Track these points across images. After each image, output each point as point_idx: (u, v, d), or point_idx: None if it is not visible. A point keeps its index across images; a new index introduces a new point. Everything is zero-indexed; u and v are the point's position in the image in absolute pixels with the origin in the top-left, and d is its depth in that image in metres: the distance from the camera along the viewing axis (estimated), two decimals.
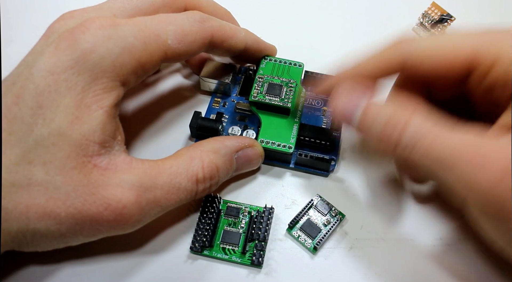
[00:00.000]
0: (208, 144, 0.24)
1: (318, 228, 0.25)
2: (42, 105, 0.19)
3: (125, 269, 0.23)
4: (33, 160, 0.19)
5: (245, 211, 0.25)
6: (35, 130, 0.19)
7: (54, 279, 0.23)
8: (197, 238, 0.24)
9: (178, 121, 0.30)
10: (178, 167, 0.22)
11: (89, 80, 0.20)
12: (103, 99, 0.20)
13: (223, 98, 0.30)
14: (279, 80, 0.27)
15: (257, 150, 0.26)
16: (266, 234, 0.24)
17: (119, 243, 0.24)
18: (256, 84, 0.27)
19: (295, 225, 0.25)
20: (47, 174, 0.19)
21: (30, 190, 0.19)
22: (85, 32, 0.20)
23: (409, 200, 0.26)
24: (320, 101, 0.30)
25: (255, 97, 0.27)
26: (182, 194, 0.22)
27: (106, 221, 0.20)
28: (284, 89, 0.27)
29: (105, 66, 0.20)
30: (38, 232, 0.19)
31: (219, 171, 0.23)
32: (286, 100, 0.27)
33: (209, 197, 0.25)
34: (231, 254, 0.24)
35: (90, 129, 0.20)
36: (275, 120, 0.27)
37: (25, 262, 0.23)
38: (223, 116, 0.29)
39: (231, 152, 0.24)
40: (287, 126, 0.27)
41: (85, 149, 0.19)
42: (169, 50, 0.22)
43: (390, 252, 0.24)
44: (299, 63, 0.29)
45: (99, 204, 0.19)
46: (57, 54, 0.20)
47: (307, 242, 0.24)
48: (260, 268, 0.24)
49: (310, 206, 0.25)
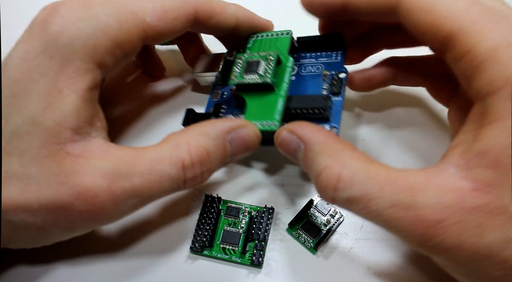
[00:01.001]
0: (196, 127, 0.22)
1: (318, 228, 0.25)
2: (16, 94, 0.18)
3: (125, 269, 0.23)
4: (10, 151, 0.18)
5: (245, 211, 0.25)
6: (10, 120, 0.18)
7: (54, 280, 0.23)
8: (197, 238, 0.24)
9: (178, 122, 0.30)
10: (161, 152, 0.20)
11: (61, 64, 0.19)
12: (76, 82, 0.19)
13: (223, 88, 0.29)
14: (258, 56, 0.24)
15: (251, 130, 0.23)
16: (266, 234, 0.24)
17: (119, 243, 0.24)
18: (236, 67, 0.25)
19: (295, 225, 0.25)
20: (22, 165, 0.18)
21: (6, 182, 0.18)
22: (55, 15, 0.19)
23: None
24: (319, 66, 0.26)
25: (234, 80, 0.24)
26: (165, 182, 0.20)
27: (78, 212, 0.19)
28: (262, 64, 0.24)
29: (76, 47, 0.19)
30: (16, 226, 0.18)
31: (210, 156, 0.21)
32: (265, 75, 0.23)
33: (209, 197, 0.25)
34: (231, 254, 0.24)
35: (62, 114, 0.19)
36: (261, 99, 0.24)
37: (18, 262, 0.23)
38: (221, 107, 0.28)
39: (222, 133, 0.22)
40: (270, 102, 0.24)
41: (57, 136, 0.19)
42: (148, 29, 0.21)
43: (390, 252, 0.24)
44: (286, 31, 0.26)
45: (70, 194, 0.18)
46: (29, 40, 0.19)
47: (307, 242, 0.24)
48: (260, 268, 0.24)
49: (310, 206, 0.25)
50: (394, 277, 0.23)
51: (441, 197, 0.16)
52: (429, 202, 0.16)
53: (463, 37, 0.17)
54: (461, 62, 0.18)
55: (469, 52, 0.17)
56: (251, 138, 0.23)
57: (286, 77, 0.25)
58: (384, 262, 0.24)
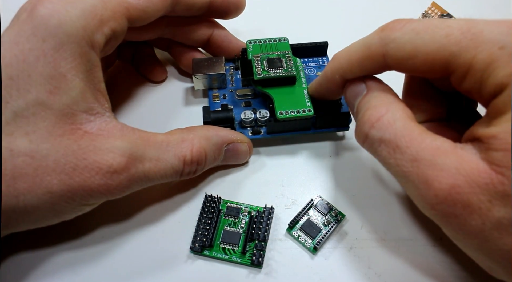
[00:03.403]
0: (202, 129, 0.25)
1: (318, 228, 0.25)
2: (12, 76, 0.19)
3: (126, 268, 0.23)
4: (13, 132, 0.19)
5: (245, 211, 0.25)
6: (10, 101, 0.19)
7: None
8: (197, 238, 0.24)
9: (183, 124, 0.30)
10: (168, 144, 0.22)
11: (56, 47, 0.19)
12: (76, 66, 0.20)
13: (220, 91, 0.30)
14: (274, 54, 0.29)
15: (247, 147, 0.27)
16: (266, 234, 0.24)
17: (119, 243, 0.24)
18: (256, 64, 0.28)
19: (295, 225, 0.25)
20: (31, 143, 0.19)
21: (14, 161, 0.18)
22: (42, 0, 0.20)
23: (409, 200, 0.26)
24: (312, 69, 0.32)
25: (260, 74, 0.27)
26: (168, 170, 0.22)
27: (97, 186, 0.20)
28: (284, 60, 0.28)
29: (68, 29, 0.20)
30: (29, 204, 0.19)
31: (206, 158, 0.24)
32: (289, 69, 0.27)
33: (209, 197, 0.25)
34: (231, 254, 0.24)
35: (71, 99, 0.20)
36: (284, 91, 0.28)
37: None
38: (228, 107, 0.29)
39: (222, 142, 0.25)
40: (298, 93, 0.28)
41: (71, 117, 0.20)
42: (131, 7, 0.23)
43: (390, 252, 0.24)
44: (283, 38, 0.30)
45: (91, 168, 0.19)
46: (18, 25, 0.20)
47: (307, 242, 0.24)
48: (260, 268, 0.24)
49: (310, 206, 0.25)
50: (394, 277, 0.23)
51: (460, 165, 0.17)
52: (448, 165, 0.17)
53: (458, 59, 0.18)
54: (467, 80, 0.18)
55: (470, 69, 0.18)
56: (244, 152, 0.27)
57: (301, 73, 0.29)
58: (384, 262, 0.24)
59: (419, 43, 0.19)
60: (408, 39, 0.19)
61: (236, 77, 0.31)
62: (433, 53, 0.18)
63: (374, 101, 0.21)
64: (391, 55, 0.20)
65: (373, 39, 0.20)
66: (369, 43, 0.21)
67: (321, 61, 0.32)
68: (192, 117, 0.31)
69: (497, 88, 0.17)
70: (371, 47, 0.20)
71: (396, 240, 0.25)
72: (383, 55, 0.20)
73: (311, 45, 0.32)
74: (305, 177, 0.28)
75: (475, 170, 0.17)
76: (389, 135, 0.19)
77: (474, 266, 0.24)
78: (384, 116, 0.20)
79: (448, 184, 0.17)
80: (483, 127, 0.18)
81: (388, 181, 0.27)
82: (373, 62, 0.21)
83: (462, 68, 0.18)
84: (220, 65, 0.29)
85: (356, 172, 0.28)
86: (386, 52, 0.20)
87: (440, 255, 0.24)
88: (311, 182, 0.27)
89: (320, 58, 0.33)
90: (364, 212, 0.26)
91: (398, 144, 0.19)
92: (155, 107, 0.31)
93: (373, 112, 0.20)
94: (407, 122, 0.19)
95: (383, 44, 0.20)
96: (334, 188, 0.27)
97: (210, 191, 0.27)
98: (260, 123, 0.28)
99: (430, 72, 0.19)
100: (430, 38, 0.19)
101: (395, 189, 0.27)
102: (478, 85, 0.18)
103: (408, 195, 0.20)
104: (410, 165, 0.18)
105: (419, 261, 0.24)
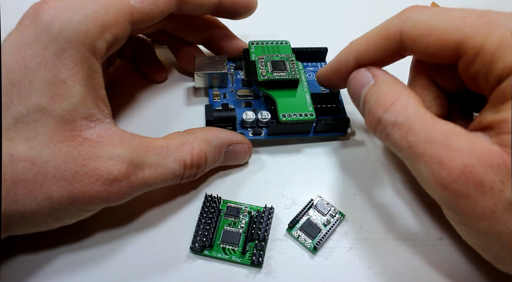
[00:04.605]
0: (202, 132, 0.25)
1: (318, 228, 0.25)
2: (14, 82, 0.19)
3: (125, 269, 0.23)
4: (14, 137, 0.19)
5: (245, 211, 0.25)
6: (11, 107, 0.19)
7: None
8: (197, 238, 0.24)
9: (183, 124, 0.30)
10: (168, 148, 0.22)
11: (57, 53, 0.20)
12: (77, 73, 0.20)
13: (220, 90, 0.30)
14: (278, 57, 0.29)
15: (247, 148, 0.27)
16: (266, 234, 0.24)
17: (120, 243, 0.24)
18: (260, 65, 0.28)
19: (295, 225, 0.25)
20: (32, 149, 0.19)
21: (14, 166, 0.18)
22: (45, 6, 0.20)
23: (409, 200, 0.26)
24: (311, 74, 0.32)
25: (264, 76, 0.27)
26: (169, 175, 0.22)
27: (97, 193, 0.20)
28: (287, 64, 0.28)
29: (69, 36, 0.20)
30: (29, 209, 0.19)
31: (206, 161, 0.24)
32: (293, 73, 0.28)
33: (209, 197, 0.25)
34: (231, 254, 0.24)
35: (71, 105, 0.20)
36: (287, 94, 0.28)
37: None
38: (229, 106, 0.29)
39: (222, 144, 0.25)
40: (300, 97, 0.28)
41: (71, 124, 0.20)
42: (134, 11, 0.22)
43: (390, 252, 0.24)
44: (285, 41, 0.31)
45: (91, 176, 0.19)
46: (21, 31, 0.20)
47: (307, 242, 0.24)
48: (260, 268, 0.24)
49: (310, 206, 0.25)
50: (393, 277, 0.23)
51: (473, 146, 0.17)
52: (462, 146, 0.17)
53: (470, 41, 0.18)
54: (475, 63, 0.19)
55: (480, 51, 0.18)
56: (244, 153, 0.27)
57: (303, 77, 0.29)
58: (383, 262, 0.24)
59: (435, 22, 0.20)
60: (425, 18, 0.20)
61: (237, 76, 0.31)
62: (447, 33, 0.19)
63: (385, 88, 0.21)
64: (407, 34, 0.21)
65: (392, 19, 0.22)
66: (388, 22, 0.22)
67: (320, 66, 0.33)
68: (193, 116, 0.31)
69: (504, 72, 0.17)
70: (389, 26, 0.21)
71: (396, 240, 0.25)
72: (400, 33, 0.21)
73: (311, 50, 0.32)
74: (305, 177, 0.28)
75: (488, 151, 0.17)
76: (402, 118, 0.19)
77: (474, 265, 0.24)
78: (397, 101, 0.20)
79: (462, 164, 0.17)
80: (491, 114, 0.18)
81: (388, 181, 0.27)
82: (390, 41, 0.22)
83: (473, 50, 0.18)
84: (222, 64, 0.29)
85: (356, 172, 0.28)
86: (403, 30, 0.21)
87: (440, 255, 0.24)
88: (311, 182, 0.27)
89: (319, 63, 0.33)
90: (364, 212, 0.26)
91: (411, 127, 0.19)
92: (155, 106, 0.31)
93: (386, 98, 0.20)
94: (419, 107, 0.20)
95: (401, 23, 0.21)
96: (334, 188, 0.27)
97: (210, 191, 0.27)
98: (261, 124, 0.28)
99: (440, 54, 0.20)
100: (446, 19, 0.19)
101: (395, 189, 0.27)
102: (486, 69, 0.18)
103: (410, 193, 0.20)
104: (423, 146, 0.18)
105: (419, 261, 0.24)
